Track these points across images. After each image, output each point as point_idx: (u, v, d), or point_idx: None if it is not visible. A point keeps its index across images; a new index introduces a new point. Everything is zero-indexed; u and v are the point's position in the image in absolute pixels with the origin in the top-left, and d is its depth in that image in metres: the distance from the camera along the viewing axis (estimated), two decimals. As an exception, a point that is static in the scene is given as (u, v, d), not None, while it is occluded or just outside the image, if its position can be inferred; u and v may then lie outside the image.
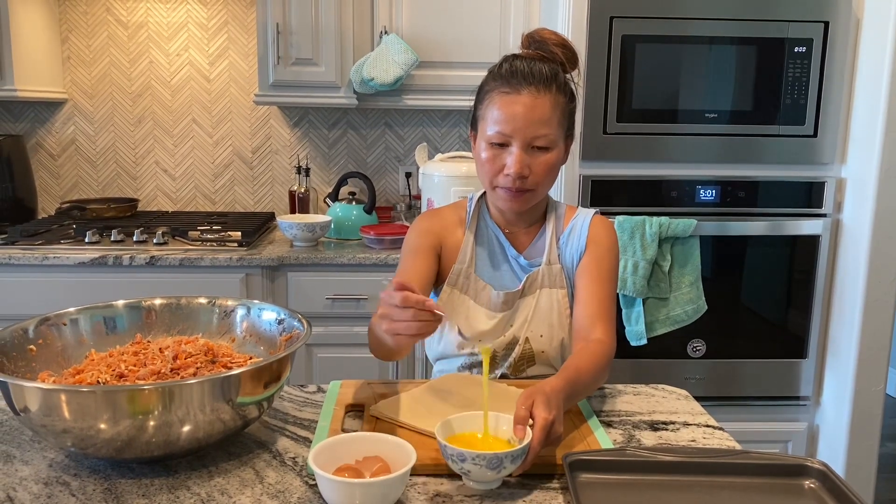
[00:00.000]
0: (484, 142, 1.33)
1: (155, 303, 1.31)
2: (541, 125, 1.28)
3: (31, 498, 0.98)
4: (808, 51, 2.20)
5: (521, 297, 1.40)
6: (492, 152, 1.32)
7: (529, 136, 1.29)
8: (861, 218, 2.22)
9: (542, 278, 1.40)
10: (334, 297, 2.41)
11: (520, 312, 1.40)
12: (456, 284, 1.41)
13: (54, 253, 2.34)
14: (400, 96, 2.66)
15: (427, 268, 1.39)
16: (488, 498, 0.98)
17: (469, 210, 1.46)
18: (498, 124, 1.30)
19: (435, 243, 1.43)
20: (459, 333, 1.40)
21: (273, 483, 1.03)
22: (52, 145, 2.97)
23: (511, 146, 1.30)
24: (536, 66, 1.30)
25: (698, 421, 1.26)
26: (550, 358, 1.41)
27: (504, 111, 1.29)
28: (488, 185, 1.37)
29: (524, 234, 1.44)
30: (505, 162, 1.31)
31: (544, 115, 1.28)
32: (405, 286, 1.03)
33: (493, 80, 1.33)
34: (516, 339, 1.40)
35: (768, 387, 2.36)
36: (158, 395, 0.96)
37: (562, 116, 1.32)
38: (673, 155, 2.24)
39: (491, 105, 1.31)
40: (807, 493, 1.00)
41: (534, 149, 1.30)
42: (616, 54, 2.16)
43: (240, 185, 3.03)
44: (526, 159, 1.30)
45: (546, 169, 1.32)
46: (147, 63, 2.92)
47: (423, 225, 1.46)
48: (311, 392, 1.36)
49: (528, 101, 1.28)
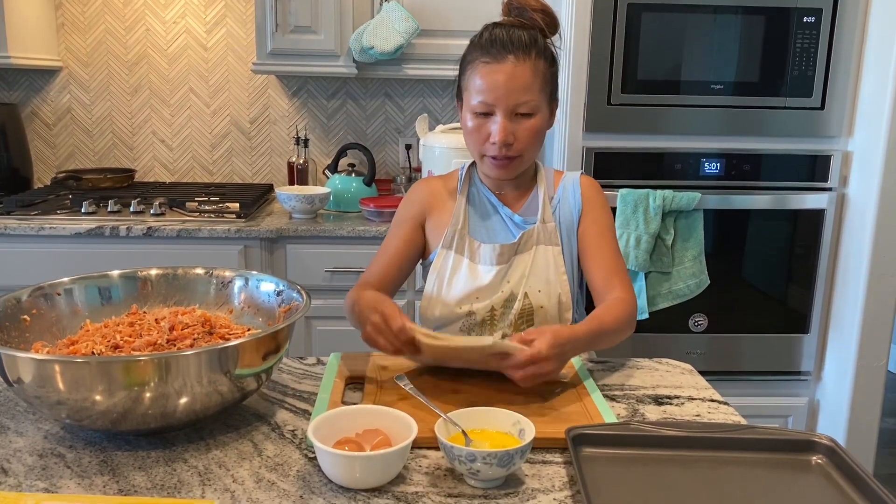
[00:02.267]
0: (469, 112, 1.37)
1: (151, 273, 1.29)
2: (523, 92, 1.31)
3: (26, 470, 0.96)
4: (816, 21, 2.15)
5: (518, 254, 1.42)
6: (477, 122, 1.35)
7: (512, 103, 1.31)
8: (867, 192, 2.20)
9: (538, 235, 1.42)
10: (333, 269, 2.39)
11: (516, 268, 1.41)
12: (451, 246, 1.44)
13: (50, 223, 2.32)
14: (400, 66, 2.61)
15: (408, 240, 1.47)
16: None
17: (461, 178, 1.49)
18: (481, 94, 1.32)
19: (419, 213, 1.48)
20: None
21: (272, 456, 1.01)
22: (47, 114, 2.93)
23: (495, 115, 1.33)
24: (516, 33, 1.32)
25: (703, 395, 1.25)
26: (549, 314, 1.42)
27: (486, 80, 1.31)
28: (476, 154, 1.41)
29: (515, 196, 1.47)
30: (490, 130, 1.34)
31: (526, 82, 1.31)
32: (394, 317, 1.15)
33: (475, 50, 1.35)
34: (514, 294, 1.41)
35: (770, 362, 2.35)
36: (154, 366, 0.94)
37: (543, 82, 1.34)
38: (678, 127, 2.20)
39: (473, 75, 1.34)
40: (814, 469, 0.99)
41: (518, 116, 1.33)
42: (621, 24, 2.12)
43: (238, 155, 2.99)
44: (510, 127, 1.33)
45: (531, 135, 1.35)
46: (143, 31, 2.87)
47: (412, 195, 1.52)
48: (310, 364, 1.35)
49: (509, 69, 1.30)
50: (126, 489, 0.92)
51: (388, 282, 1.44)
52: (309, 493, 0.92)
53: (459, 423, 0.99)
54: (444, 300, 1.43)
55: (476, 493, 0.93)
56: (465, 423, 0.99)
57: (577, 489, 0.93)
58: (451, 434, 0.98)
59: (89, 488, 0.92)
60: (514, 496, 0.92)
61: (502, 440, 0.98)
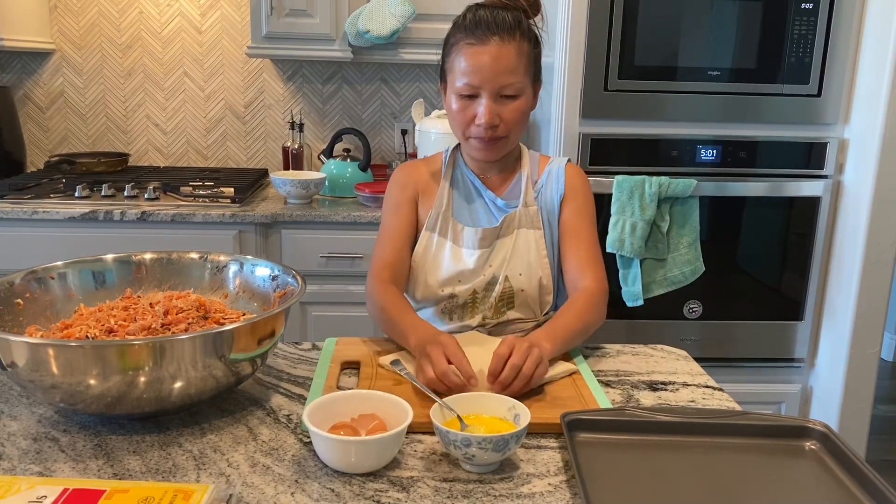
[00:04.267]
0: (453, 94, 1.36)
1: (145, 257, 1.29)
2: (508, 74, 1.31)
3: (20, 454, 0.96)
4: (814, 7, 2.14)
5: (500, 238, 1.43)
6: (462, 104, 1.35)
7: (497, 85, 1.31)
8: (862, 180, 2.20)
9: (520, 219, 1.43)
10: (329, 255, 2.38)
11: (498, 251, 1.42)
12: (434, 228, 1.44)
13: (43, 207, 2.30)
14: (396, 50, 2.60)
15: (409, 222, 1.46)
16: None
17: (445, 161, 1.49)
18: (466, 76, 1.32)
19: (413, 195, 1.48)
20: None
21: (267, 440, 1.01)
22: (40, 97, 2.90)
23: (480, 97, 1.33)
24: (500, 14, 1.32)
25: (697, 381, 1.25)
26: (529, 297, 1.43)
27: (471, 62, 1.31)
28: (461, 136, 1.41)
29: (499, 179, 1.48)
30: (475, 112, 1.34)
31: (511, 64, 1.31)
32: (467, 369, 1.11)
33: (459, 32, 1.35)
34: (496, 277, 1.42)
35: (764, 348, 2.36)
36: (149, 350, 0.94)
37: (528, 63, 1.34)
38: (674, 113, 2.20)
39: (458, 57, 1.34)
40: (807, 455, 0.99)
41: (503, 97, 1.33)
42: (619, 9, 2.11)
43: (232, 140, 2.98)
44: (496, 108, 1.33)
45: (516, 116, 1.35)
46: (137, 13, 2.85)
47: (401, 178, 1.50)
48: (305, 349, 1.35)
49: (494, 50, 1.30)
50: (121, 473, 0.92)
51: (404, 268, 1.43)
52: (304, 477, 0.92)
53: (455, 408, 0.99)
54: (426, 282, 1.43)
55: (471, 478, 0.93)
56: (461, 409, 0.99)
57: (572, 474, 0.94)
58: (446, 419, 0.98)
59: (84, 472, 0.92)
60: (508, 481, 0.93)
61: (497, 425, 0.98)
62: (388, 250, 1.43)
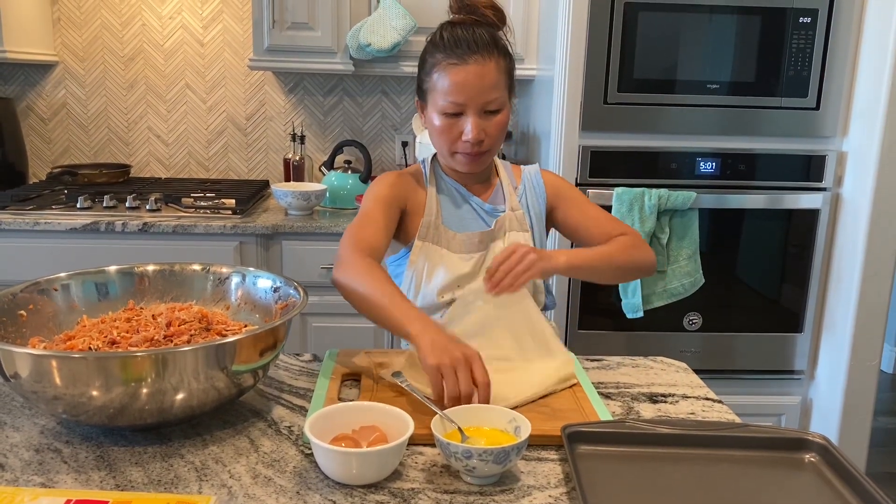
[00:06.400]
0: (436, 112, 1.38)
1: (148, 269, 1.29)
2: (491, 90, 1.34)
3: (23, 465, 0.96)
4: (812, 21, 2.16)
5: (493, 241, 1.45)
6: (447, 121, 1.37)
7: (482, 102, 1.34)
8: (861, 192, 2.21)
9: (509, 222, 1.47)
10: (329, 266, 2.39)
11: (491, 254, 1.44)
12: (427, 237, 1.44)
13: (45, 218, 2.31)
14: (397, 63, 2.61)
15: (393, 220, 1.43)
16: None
17: (425, 171, 1.50)
18: (451, 95, 1.34)
19: (401, 198, 1.45)
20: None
21: (268, 452, 1.01)
22: (42, 109, 2.92)
23: (465, 114, 1.35)
24: (476, 32, 1.35)
25: (697, 394, 1.25)
26: None
27: (455, 81, 1.33)
28: (446, 152, 1.42)
29: (480, 187, 1.51)
30: (462, 129, 1.36)
31: (493, 81, 1.34)
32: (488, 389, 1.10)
33: (438, 52, 1.37)
34: None
35: (763, 361, 2.36)
36: (151, 362, 0.94)
37: (506, 77, 1.38)
38: (673, 126, 2.21)
39: (441, 76, 1.35)
40: (807, 467, 0.99)
41: (486, 113, 1.36)
42: (618, 23, 2.12)
43: (234, 151, 2.99)
44: (481, 124, 1.35)
45: (499, 129, 1.39)
46: (139, 26, 2.87)
47: (392, 178, 1.48)
48: (306, 361, 1.35)
49: (477, 69, 1.33)
50: (123, 484, 0.92)
51: (380, 255, 1.38)
52: (305, 488, 0.92)
53: (456, 419, 0.99)
54: (424, 291, 1.43)
55: (472, 490, 0.93)
56: (462, 420, 1.00)
57: (573, 486, 0.94)
58: (447, 431, 0.98)
59: (86, 483, 0.92)
60: (509, 493, 0.93)
61: (498, 437, 0.98)
62: (370, 231, 1.37)
